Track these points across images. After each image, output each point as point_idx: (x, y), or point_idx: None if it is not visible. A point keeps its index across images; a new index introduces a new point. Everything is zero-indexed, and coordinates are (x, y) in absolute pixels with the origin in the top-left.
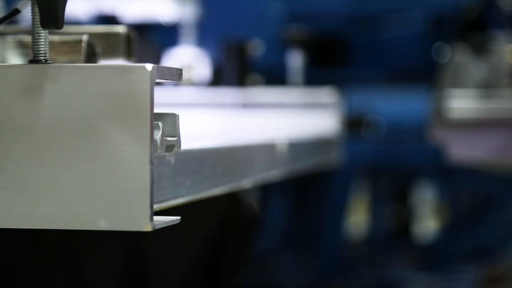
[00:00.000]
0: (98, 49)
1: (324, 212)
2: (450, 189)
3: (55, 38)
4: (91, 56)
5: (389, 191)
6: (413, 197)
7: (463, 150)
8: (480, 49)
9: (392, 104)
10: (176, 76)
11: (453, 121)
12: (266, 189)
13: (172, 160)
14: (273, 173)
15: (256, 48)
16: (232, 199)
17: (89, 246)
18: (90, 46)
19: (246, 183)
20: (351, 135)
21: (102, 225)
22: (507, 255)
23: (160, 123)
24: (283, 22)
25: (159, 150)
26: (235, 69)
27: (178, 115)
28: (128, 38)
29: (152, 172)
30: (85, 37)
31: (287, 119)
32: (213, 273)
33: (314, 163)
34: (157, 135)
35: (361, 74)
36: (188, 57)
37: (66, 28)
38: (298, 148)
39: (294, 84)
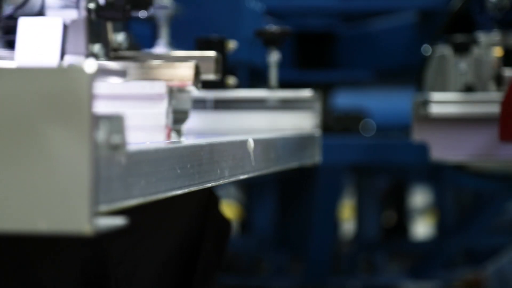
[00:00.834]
0: None
1: (311, 214)
2: (440, 191)
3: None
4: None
5: (378, 191)
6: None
7: (444, 148)
8: (464, 49)
9: (381, 103)
10: (120, 73)
11: (435, 119)
12: (252, 191)
13: (123, 160)
14: (243, 172)
15: (234, 46)
16: (204, 202)
17: (43, 247)
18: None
19: (212, 183)
20: (338, 134)
21: (41, 227)
22: (496, 260)
23: (102, 122)
24: (264, 19)
25: (101, 150)
26: None
27: (123, 116)
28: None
29: (93, 172)
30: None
31: (261, 119)
32: (184, 278)
33: (289, 162)
34: (99, 135)
35: (349, 73)
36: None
37: None
38: (270, 147)
39: (272, 83)
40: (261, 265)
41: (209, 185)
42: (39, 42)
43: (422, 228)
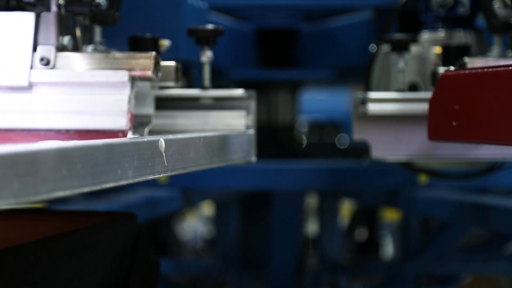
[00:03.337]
0: None
1: (271, 235)
2: (405, 212)
3: None
4: None
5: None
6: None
7: (384, 147)
8: (403, 47)
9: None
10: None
11: (374, 118)
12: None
13: None
14: (153, 172)
15: (168, 44)
16: (130, 242)
17: None
18: None
19: (111, 183)
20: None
21: None
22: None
23: None
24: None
25: None
26: None
27: None
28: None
29: None
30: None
31: (195, 118)
32: None
33: (213, 161)
34: None
35: (312, 71)
36: None
37: None
38: (189, 146)
39: (205, 82)
40: (224, 283)
41: (107, 185)
42: (11, 36)
43: (392, 245)
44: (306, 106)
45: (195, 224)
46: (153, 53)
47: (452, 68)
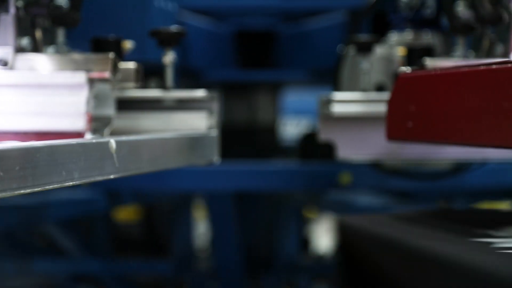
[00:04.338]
0: None
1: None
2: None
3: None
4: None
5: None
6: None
7: (350, 147)
8: (367, 49)
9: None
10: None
11: (339, 118)
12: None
13: None
14: (102, 174)
15: (131, 46)
16: None
17: None
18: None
19: (54, 185)
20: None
21: None
22: None
23: None
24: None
25: None
26: None
27: None
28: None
29: None
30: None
31: (157, 119)
32: None
33: (169, 162)
34: None
35: (290, 72)
36: None
37: None
38: (143, 148)
39: (167, 83)
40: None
41: (50, 187)
42: None
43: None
44: (290, 107)
45: None
46: (111, 54)
47: (409, 69)
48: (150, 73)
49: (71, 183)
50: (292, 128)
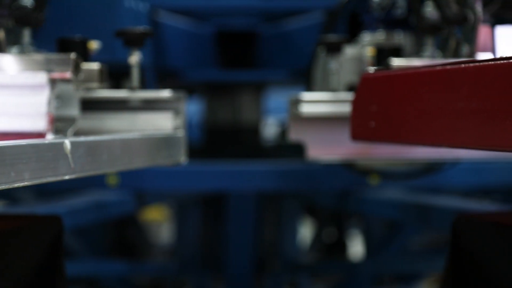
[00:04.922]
0: None
1: (228, 235)
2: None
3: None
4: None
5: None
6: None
7: (320, 147)
8: (335, 49)
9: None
10: None
11: (309, 118)
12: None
13: None
14: (56, 174)
15: (97, 46)
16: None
17: None
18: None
19: (3, 185)
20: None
21: None
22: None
23: None
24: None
25: None
26: None
27: None
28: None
29: None
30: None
31: (123, 120)
32: None
33: (131, 162)
34: None
35: (270, 72)
36: None
37: None
38: (101, 148)
39: (133, 84)
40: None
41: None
42: None
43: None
44: (273, 107)
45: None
46: (73, 54)
47: (373, 69)
48: (125, 74)
49: (21, 184)
50: (275, 128)
